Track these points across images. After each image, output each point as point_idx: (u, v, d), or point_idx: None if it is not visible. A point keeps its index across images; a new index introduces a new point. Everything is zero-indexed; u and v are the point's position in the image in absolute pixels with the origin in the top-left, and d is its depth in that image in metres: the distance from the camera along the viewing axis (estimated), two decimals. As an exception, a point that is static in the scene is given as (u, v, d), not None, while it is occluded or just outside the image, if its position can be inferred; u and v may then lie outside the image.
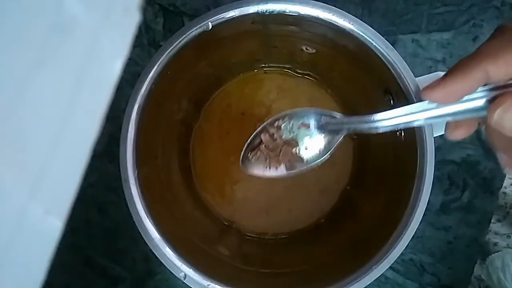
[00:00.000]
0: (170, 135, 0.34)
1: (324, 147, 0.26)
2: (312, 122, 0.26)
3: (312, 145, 0.26)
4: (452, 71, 0.20)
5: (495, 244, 0.38)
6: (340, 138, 0.25)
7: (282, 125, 0.27)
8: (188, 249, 0.28)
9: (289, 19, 0.27)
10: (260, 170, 0.27)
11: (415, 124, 0.22)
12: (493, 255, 0.37)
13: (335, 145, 0.26)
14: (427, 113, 0.22)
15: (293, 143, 0.27)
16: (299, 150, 0.27)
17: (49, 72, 0.10)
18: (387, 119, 0.23)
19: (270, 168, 0.27)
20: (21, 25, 0.09)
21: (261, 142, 0.27)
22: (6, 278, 0.10)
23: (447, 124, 0.23)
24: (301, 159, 0.27)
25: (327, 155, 0.26)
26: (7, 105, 0.09)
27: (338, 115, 0.25)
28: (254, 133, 0.27)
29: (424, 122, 0.22)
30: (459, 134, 0.23)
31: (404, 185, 0.27)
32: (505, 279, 0.35)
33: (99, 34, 0.11)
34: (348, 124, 0.25)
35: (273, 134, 0.27)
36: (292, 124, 0.26)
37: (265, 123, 0.27)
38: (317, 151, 0.26)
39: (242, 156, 0.28)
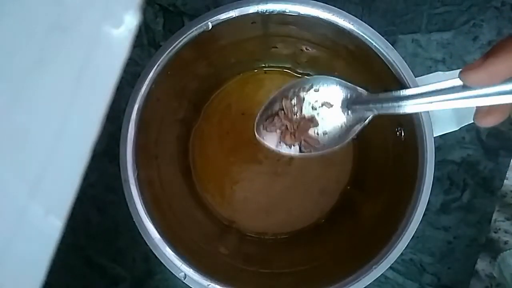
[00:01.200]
0: (170, 135, 0.34)
1: (344, 132, 0.24)
2: (337, 100, 0.24)
3: (333, 127, 0.25)
4: (494, 51, 0.18)
5: (506, 242, 0.38)
6: (364, 123, 0.23)
7: (306, 96, 0.25)
8: (188, 249, 0.28)
9: (289, 19, 0.27)
10: (273, 143, 0.26)
11: (448, 107, 0.21)
12: (504, 252, 0.37)
13: (357, 131, 0.24)
14: (462, 94, 0.20)
15: (313, 121, 0.25)
16: (317, 131, 0.25)
17: (49, 72, 0.10)
18: (418, 97, 0.21)
19: (284, 143, 0.25)
20: (21, 25, 0.09)
21: (279, 109, 0.25)
22: (6, 278, 0.10)
23: (478, 109, 0.22)
24: (318, 141, 0.25)
25: (346, 142, 0.24)
26: (7, 105, 0.09)
27: (363, 91, 0.23)
28: (272, 96, 0.25)
29: (458, 106, 0.20)
30: (490, 121, 0.21)
31: (404, 185, 0.27)
32: (518, 276, 0.35)
33: (99, 34, 0.11)
34: (375, 102, 0.23)
35: (294, 104, 0.25)
36: (316, 100, 0.24)
37: (286, 86, 0.25)
38: (336, 136, 0.25)
39: (257, 121, 0.26)
